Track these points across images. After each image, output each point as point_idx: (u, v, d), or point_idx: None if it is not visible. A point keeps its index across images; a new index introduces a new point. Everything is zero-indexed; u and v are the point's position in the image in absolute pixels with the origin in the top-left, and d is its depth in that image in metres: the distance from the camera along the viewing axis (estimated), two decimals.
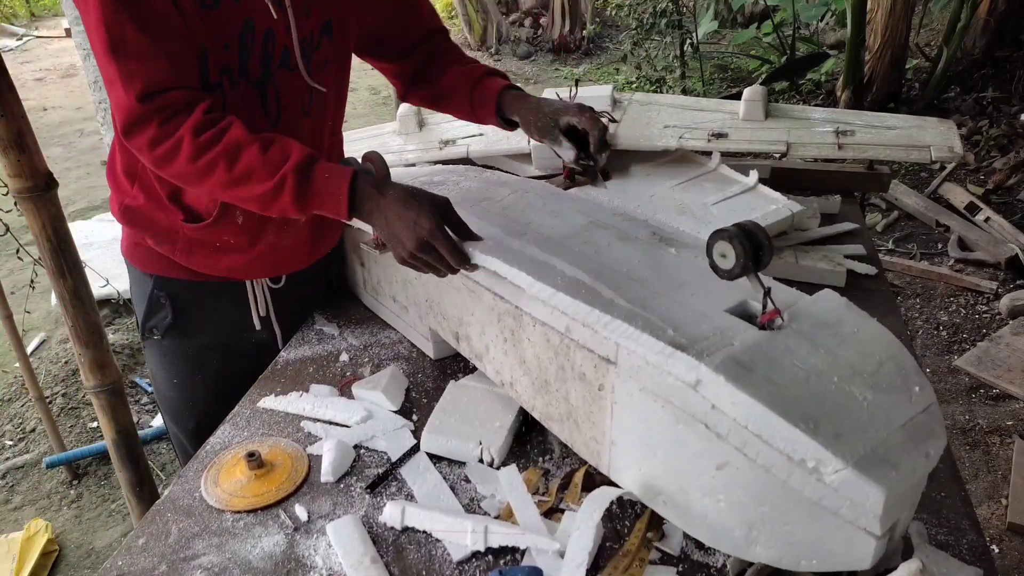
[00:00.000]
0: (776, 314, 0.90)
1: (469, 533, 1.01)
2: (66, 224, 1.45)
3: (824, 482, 0.77)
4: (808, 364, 0.86)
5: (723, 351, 0.87)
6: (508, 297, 1.13)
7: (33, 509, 2.62)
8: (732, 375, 0.83)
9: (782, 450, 0.79)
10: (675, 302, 0.97)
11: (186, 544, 1.07)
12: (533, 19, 7.61)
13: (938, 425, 0.84)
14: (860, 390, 0.84)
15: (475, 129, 2.18)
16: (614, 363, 0.97)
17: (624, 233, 1.17)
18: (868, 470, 0.76)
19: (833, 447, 0.77)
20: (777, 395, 0.82)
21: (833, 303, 0.96)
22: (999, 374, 2.87)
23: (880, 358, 0.88)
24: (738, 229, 0.89)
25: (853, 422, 0.80)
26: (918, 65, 5.52)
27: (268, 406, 1.34)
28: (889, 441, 0.80)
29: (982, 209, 3.84)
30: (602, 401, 1.01)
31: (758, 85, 2.26)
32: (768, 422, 0.80)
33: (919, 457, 0.81)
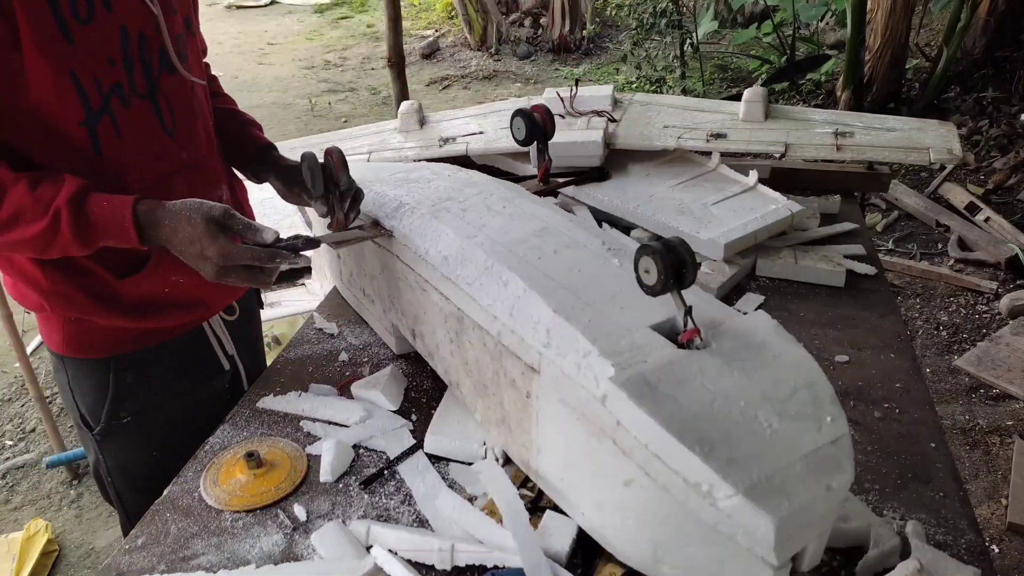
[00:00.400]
0: (695, 333, 0.89)
1: (435, 552, 1.00)
2: None
3: (718, 507, 0.76)
4: (717, 386, 0.84)
5: (633, 367, 0.86)
6: (452, 298, 1.13)
7: (33, 509, 2.62)
8: (635, 392, 0.82)
9: (679, 472, 0.78)
10: (602, 314, 0.96)
11: (185, 544, 1.07)
12: (533, 19, 7.62)
13: (846, 459, 0.82)
14: (766, 416, 0.82)
15: (475, 127, 2.19)
16: (537, 372, 0.96)
17: (574, 241, 1.15)
18: (760, 498, 0.74)
19: (724, 472, 0.75)
20: (677, 416, 0.80)
21: (761, 325, 0.95)
22: (999, 374, 2.87)
23: (795, 385, 0.86)
24: (661, 244, 0.88)
25: (752, 448, 0.78)
26: (918, 65, 5.52)
27: (267, 406, 1.34)
28: (787, 471, 0.78)
29: (982, 209, 3.84)
30: (529, 408, 1.01)
31: (758, 86, 2.26)
32: (665, 443, 0.79)
33: (819, 489, 0.78)
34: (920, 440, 1.19)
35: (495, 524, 1.04)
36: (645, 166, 1.98)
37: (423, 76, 7.09)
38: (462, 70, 7.19)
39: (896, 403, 1.26)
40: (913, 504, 1.07)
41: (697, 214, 1.72)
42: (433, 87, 6.85)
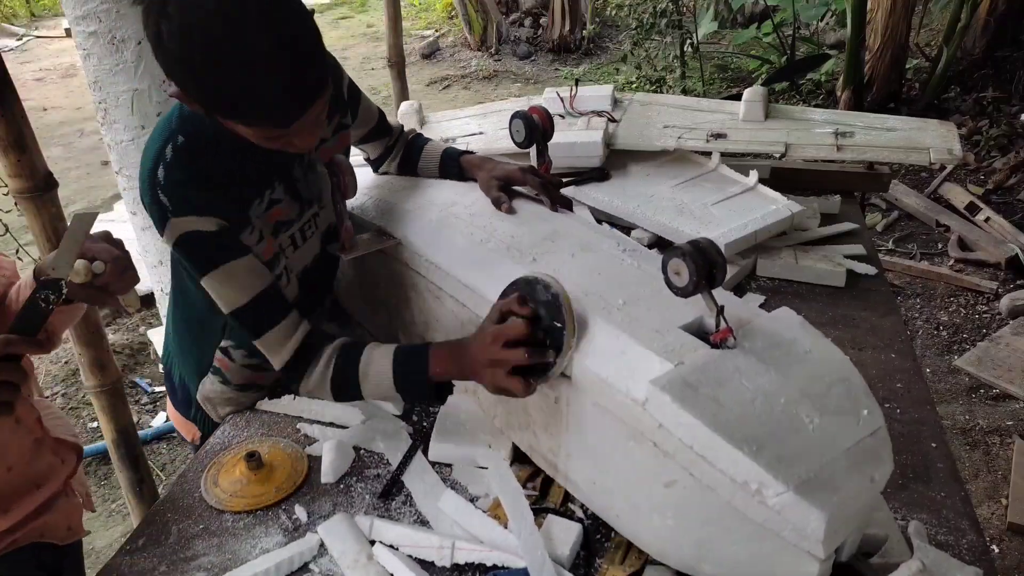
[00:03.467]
0: (728, 333, 0.90)
1: (436, 549, 1.00)
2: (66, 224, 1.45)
3: (767, 505, 0.77)
4: (756, 385, 0.85)
5: (672, 369, 0.86)
6: (470, 305, 1.12)
7: None
8: (678, 394, 0.83)
9: (725, 471, 0.79)
10: (631, 317, 0.96)
11: (186, 544, 1.07)
12: (533, 19, 7.61)
13: (884, 450, 0.84)
14: (807, 412, 0.83)
15: (475, 127, 2.19)
16: (569, 377, 0.96)
17: (587, 244, 1.15)
18: (809, 494, 0.76)
19: (775, 470, 0.77)
20: (721, 416, 0.81)
21: (789, 322, 0.96)
22: (999, 374, 2.87)
23: (830, 380, 0.88)
24: (691, 246, 0.89)
25: (797, 445, 0.80)
26: (918, 65, 5.52)
27: (266, 408, 1.34)
28: (833, 465, 0.79)
29: (982, 209, 3.83)
30: (558, 414, 1.00)
31: (758, 86, 2.26)
32: (711, 443, 0.80)
33: (863, 481, 0.80)
34: (920, 440, 1.19)
35: (496, 524, 1.04)
36: (645, 166, 1.98)
37: (423, 76, 7.08)
38: (462, 70, 7.18)
39: (896, 403, 1.26)
40: (914, 504, 1.07)
41: (697, 214, 1.72)
42: (433, 87, 6.84)
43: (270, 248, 1.17)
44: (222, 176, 1.10)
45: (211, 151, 1.09)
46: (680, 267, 0.89)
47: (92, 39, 1.89)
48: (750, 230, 1.64)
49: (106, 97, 1.94)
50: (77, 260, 0.92)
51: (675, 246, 0.90)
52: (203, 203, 1.07)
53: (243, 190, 1.13)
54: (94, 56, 1.90)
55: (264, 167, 1.16)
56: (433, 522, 1.08)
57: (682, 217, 1.72)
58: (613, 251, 1.13)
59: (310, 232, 1.27)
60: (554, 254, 1.12)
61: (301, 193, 1.23)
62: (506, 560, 0.98)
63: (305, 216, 1.25)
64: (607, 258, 1.11)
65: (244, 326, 1.14)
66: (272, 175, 1.18)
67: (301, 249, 1.26)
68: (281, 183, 1.19)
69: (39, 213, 1.40)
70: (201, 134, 1.09)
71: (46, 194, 1.40)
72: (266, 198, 1.17)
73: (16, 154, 1.34)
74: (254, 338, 1.15)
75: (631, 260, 1.10)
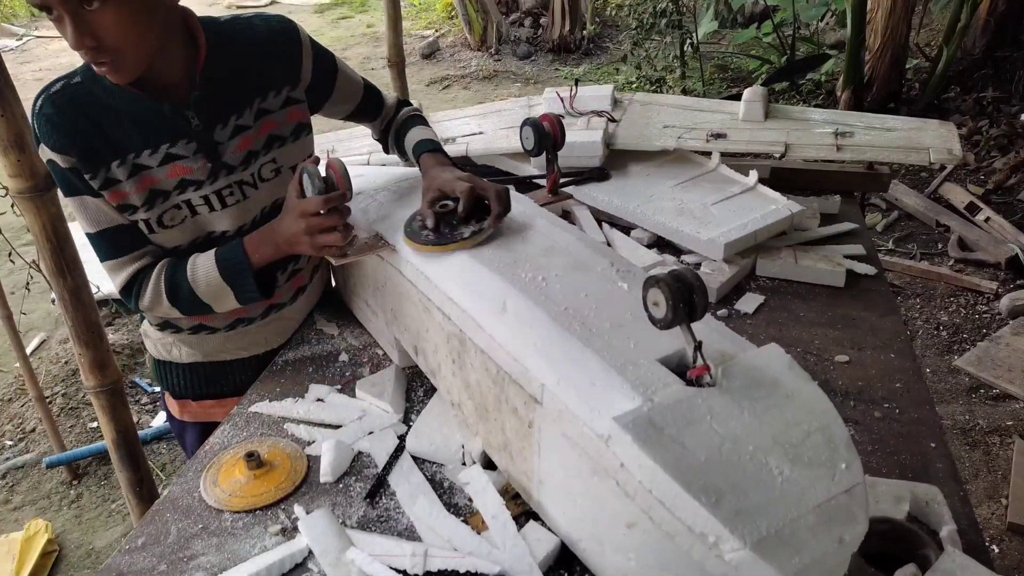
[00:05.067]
0: (704, 370, 0.85)
1: (408, 557, 0.99)
2: (66, 224, 1.45)
3: (724, 560, 0.73)
4: (726, 429, 0.80)
5: (639, 406, 0.82)
6: (454, 319, 1.10)
7: (33, 509, 2.62)
8: (640, 435, 0.78)
9: (683, 520, 0.75)
10: (608, 345, 0.92)
11: (185, 544, 1.07)
12: (533, 19, 7.61)
13: (859, 509, 0.78)
14: (777, 463, 0.78)
15: (475, 127, 2.19)
16: (540, 403, 0.93)
17: (580, 262, 1.12)
18: (768, 553, 0.71)
19: (732, 525, 0.72)
20: (683, 461, 0.76)
21: (775, 360, 0.90)
22: (999, 374, 2.87)
23: (809, 428, 0.82)
24: (671, 276, 0.84)
25: (761, 498, 0.75)
26: (918, 65, 5.52)
27: (264, 410, 1.34)
28: (798, 523, 0.74)
29: (982, 209, 3.83)
30: (531, 439, 0.98)
31: (758, 86, 2.26)
32: (670, 490, 0.75)
33: (830, 543, 0.75)
34: (920, 440, 1.18)
35: (469, 531, 1.03)
36: (645, 166, 1.98)
37: (423, 76, 7.08)
38: (462, 70, 7.18)
39: (896, 403, 1.26)
40: None
41: (697, 214, 1.72)
42: (433, 87, 6.84)
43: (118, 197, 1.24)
44: (89, 125, 1.19)
45: (93, 99, 1.20)
46: (658, 297, 0.85)
47: None
48: (750, 230, 1.64)
49: None
50: None
51: (654, 275, 0.86)
52: (56, 142, 1.18)
53: (109, 142, 1.21)
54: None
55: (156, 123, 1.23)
56: (417, 524, 1.08)
57: (682, 217, 1.72)
58: (607, 272, 1.09)
59: (231, 199, 1.33)
60: (545, 270, 1.09)
61: (222, 157, 1.29)
62: (480, 567, 0.97)
63: (222, 180, 1.31)
64: (598, 279, 1.08)
65: (94, 249, 1.29)
66: (169, 133, 1.24)
67: (219, 213, 1.32)
68: (192, 142, 1.26)
69: (39, 213, 1.40)
70: (95, 80, 1.19)
71: (46, 194, 1.39)
72: (160, 151, 1.24)
73: (16, 154, 1.34)
74: (100, 260, 1.30)
75: (623, 283, 1.06)
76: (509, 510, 1.06)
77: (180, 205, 1.28)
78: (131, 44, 1.10)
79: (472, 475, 1.13)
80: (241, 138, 1.31)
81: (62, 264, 1.44)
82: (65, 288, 1.45)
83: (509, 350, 0.98)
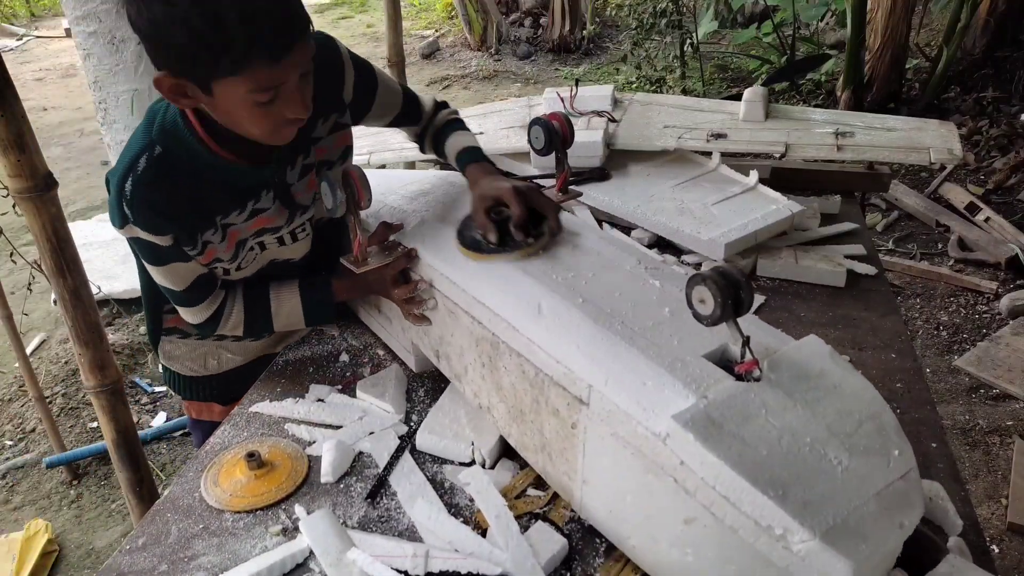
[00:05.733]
0: (754, 365, 0.87)
1: (409, 558, 0.99)
2: (66, 224, 1.44)
3: (791, 550, 0.74)
4: (783, 422, 0.82)
5: (695, 403, 0.83)
6: (485, 323, 1.10)
7: (33, 509, 2.62)
8: (701, 433, 0.80)
9: (749, 515, 0.76)
10: (653, 344, 0.93)
11: (186, 544, 1.07)
12: (533, 19, 7.60)
13: (915, 493, 0.80)
14: (835, 453, 0.80)
15: (475, 127, 2.18)
16: (586, 404, 0.94)
17: (609, 261, 1.12)
18: (836, 542, 0.73)
19: (801, 517, 0.74)
20: (746, 457, 0.78)
21: (817, 351, 0.92)
22: (999, 374, 2.86)
23: (860, 417, 0.84)
24: (716, 273, 0.86)
25: (825, 488, 0.77)
26: (918, 65, 5.51)
27: (264, 410, 1.34)
28: (861, 511, 0.76)
29: (982, 209, 3.83)
30: (575, 439, 0.98)
31: (758, 86, 2.26)
32: (735, 485, 0.77)
33: (892, 528, 0.77)
34: (920, 440, 1.18)
35: (470, 531, 1.03)
36: (645, 166, 1.98)
37: (423, 76, 7.08)
38: (462, 70, 7.18)
39: (897, 403, 1.26)
40: None
41: (697, 214, 1.72)
42: (433, 87, 6.84)
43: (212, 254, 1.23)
44: (186, 200, 1.15)
45: (184, 171, 1.14)
46: (704, 295, 0.86)
47: (92, 39, 1.89)
48: (750, 230, 1.64)
49: (106, 97, 1.94)
50: None
51: (699, 273, 0.87)
52: (157, 225, 1.15)
53: (208, 209, 1.19)
54: (94, 56, 1.90)
55: (243, 184, 1.20)
56: (418, 524, 1.08)
57: (682, 217, 1.72)
58: (635, 270, 1.10)
59: (303, 234, 1.35)
60: (575, 270, 1.10)
61: (295, 199, 1.28)
62: (481, 568, 0.98)
63: (297, 221, 1.31)
64: (629, 277, 1.08)
65: (170, 298, 1.30)
66: (254, 190, 1.22)
67: (289, 247, 1.34)
68: (271, 191, 1.24)
69: (39, 213, 1.39)
70: (180, 149, 1.13)
71: (46, 194, 1.39)
72: (248, 208, 1.22)
73: (16, 154, 1.34)
74: (177, 305, 1.31)
75: (654, 280, 1.07)
76: (516, 509, 1.06)
77: (254, 247, 1.29)
78: None
79: (473, 475, 1.13)
80: (308, 177, 1.29)
81: (62, 264, 1.43)
82: (65, 288, 1.45)
83: (550, 352, 0.98)
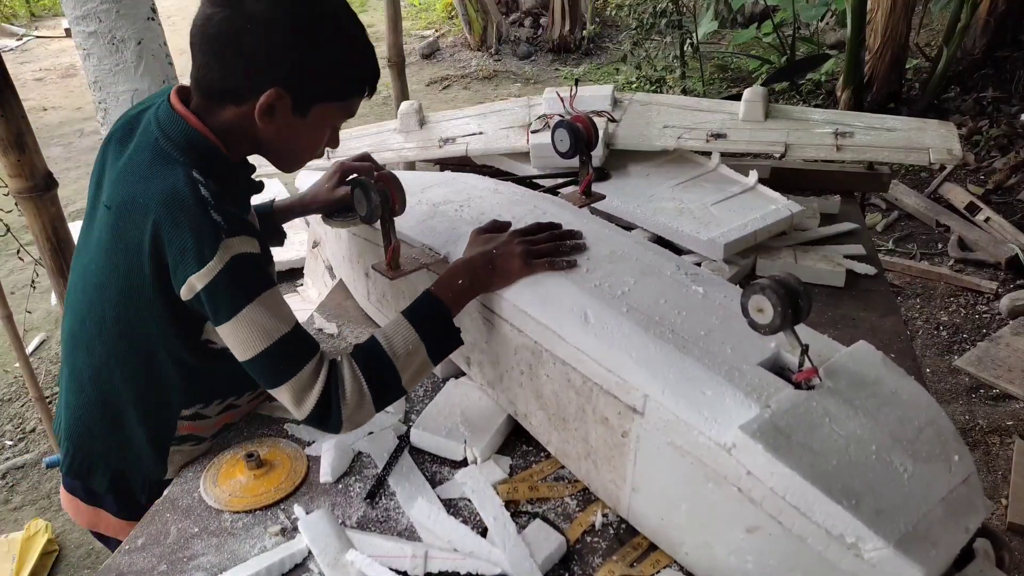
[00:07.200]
0: (813, 373, 0.87)
1: (408, 558, 0.99)
2: (66, 224, 1.45)
3: (862, 558, 0.75)
4: (847, 430, 0.83)
5: (759, 415, 0.83)
6: (528, 331, 1.09)
7: (33, 509, 2.62)
8: (770, 443, 0.80)
9: (820, 524, 0.77)
10: (707, 353, 0.93)
11: (185, 544, 1.07)
12: (533, 19, 7.60)
13: (977, 497, 0.82)
14: (900, 460, 0.81)
15: (475, 127, 2.19)
16: (641, 413, 0.93)
17: (649, 267, 1.11)
18: (909, 549, 0.74)
19: (875, 525, 0.75)
20: (817, 467, 0.79)
21: (870, 357, 0.93)
22: (999, 374, 2.86)
23: (919, 423, 0.85)
24: (773, 282, 0.86)
25: (894, 496, 0.78)
26: (918, 65, 5.52)
27: (264, 411, 1.34)
28: (930, 517, 0.78)
29: (982, 209, 3.83)
30: (624, 447, 0.98)
31: (758, 86, 2.26)
32: (807, 495, 0.78)
33: (958, 532, 0.79)
34: None
35: (469, 531, 1.03)
36: (645, 166, 1.98)
37: (423, 76, 7.08)
38: (462, 70, 7.18)
39: None
40: None
41: (697, 214, 1.72)
42: (433, 87, 6.84)
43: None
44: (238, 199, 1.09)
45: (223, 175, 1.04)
46: (763, 304, 0.86)
47: (92, 39, 1.89)
48: (750, 230, 1.64)
49: (106, 97, 1.94)
50: None
51: (755, 282, 0.88)
52: (247, 224, 1.00)
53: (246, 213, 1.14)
54: (94, 56, 1.90)
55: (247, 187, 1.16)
56: (417, 524, 1.08)
57: (682, 217, 1.72)
58: (676, 276, 1.09)
59: None
60: (616, 276, 1.09)
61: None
62: (480, 568, 0.98)
63: None
64: (672, 284, 1.08)
65: (266, 370, 1.01)
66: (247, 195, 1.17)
67: None
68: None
69: (39, 213, 1.40)
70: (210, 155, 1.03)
71: (46, 194, 1.40)
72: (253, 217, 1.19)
73: (16, 154, 1.34)
74: (272, 386, 1.02)
75: (696, 287, 1.06)
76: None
77: None
78: None
79: (471, 475, 1.13)
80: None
81: (62, 264, 1.44)
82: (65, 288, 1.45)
83: (600, 361, 0.97)
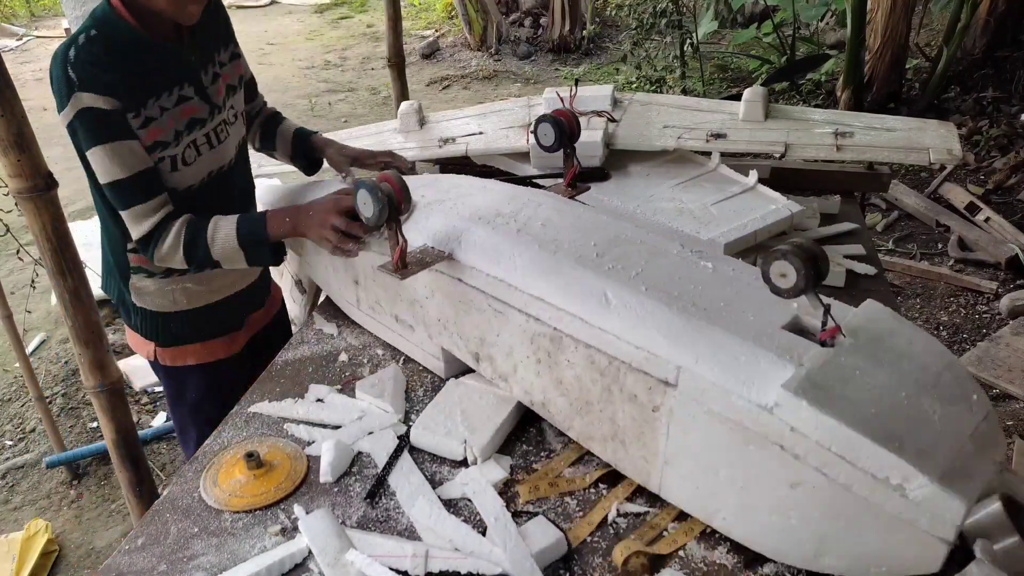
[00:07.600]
0: (837, 331, 0.91)
1: (409, 558, 0.99)
2: (66, 224, 1.45)
3: (907, 497, 0.79)
4: (876, 380, 0.87)
5: (796, 372, 0.87)
6: (545, 319, 1.10)
7: (33, 509, 2.62)
8: (813, 397, 0.84)
9: (866, 469, 0.81)
10: (733, 322, 0.97)
11: (185, 544, 1.07)
12: (533, 19, 7.60)
13: (997, 432, 0.87)
14: (929, 403, 0.86)
15: (475, 127, 2.19)
16: (674, 385, 0.96)
17: (654, 248, 1.15)
18: (952, 484, 0.79)
19: (919, 464, 0.79)
20: (859, 415, 0.83)
21: (880, 314, 0.98)
22: (999, 374, 2.86)
23: (937, 369, 0.90)
24: (793, 247, 0.89)
25: (930, 436, 0.83)
26: (918, 65, 5.51)
27: (264, 410, 1.34)
28: (963, 453, 0.82)
29: (982, 209, 3.83)
30: (656, 422, 1.00)
31: (758, 86, 2.26)
32: (853, 443, 0.81)
33: (990, 465, 0.84)
34: None
35: (470, 530, 1.04)
36: (645, 166, 1.98)
37: (423, 76, 7.08)
38: (462, 70, 7.18)
39: None
40: None
41: (697, 214, 1.72)
42: (433, 87, 6.84)
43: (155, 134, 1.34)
44: (126, 67, 1.29)
45: (120, 45, 1.29)
46: (786, 268, 0.90)
47: None
48: (750, 230, 1.64)
49: None
50: None
51: (774, 249, 0.91)
52: (104, 84, 1.26)
53: (144, 82, 1.32)
54: None
55: (169, 66, 1.35)
56: (417, 524, 1.08)
57: (682, 217, 1.72)
58: (683, 254, 1.13)
59: (223, 135, 1.47)
60: (626, 259, 1.12)
61: (211, 97, 1.43)
62: (481, 567, 0.98)
63: (216, 120, 1.44)
64: (680, 261, 1.11)
65: (116, 197, 1.35)
66: (178, 75, 1.37)
67: (216, 150, 1.45)
68: (191, 85, 1.39)
69: (39, 213, 1.39)
70: (113, 30, 1.29)
71: (46, 194, 1.39)
72: (175, 93, 1.36)
73: (16, 154, 1.34)
74: (122, 208, 1.36)
75: (705, 263, 1.11)
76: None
77: (190, 144, 1.40)
78: None
79: (471, 475, 1.13)
80: (219, 83, 1.45)
81: (62, 264, 1.43)
82: (65, 288, 1.45)
83: (629, 340, 1.00)
